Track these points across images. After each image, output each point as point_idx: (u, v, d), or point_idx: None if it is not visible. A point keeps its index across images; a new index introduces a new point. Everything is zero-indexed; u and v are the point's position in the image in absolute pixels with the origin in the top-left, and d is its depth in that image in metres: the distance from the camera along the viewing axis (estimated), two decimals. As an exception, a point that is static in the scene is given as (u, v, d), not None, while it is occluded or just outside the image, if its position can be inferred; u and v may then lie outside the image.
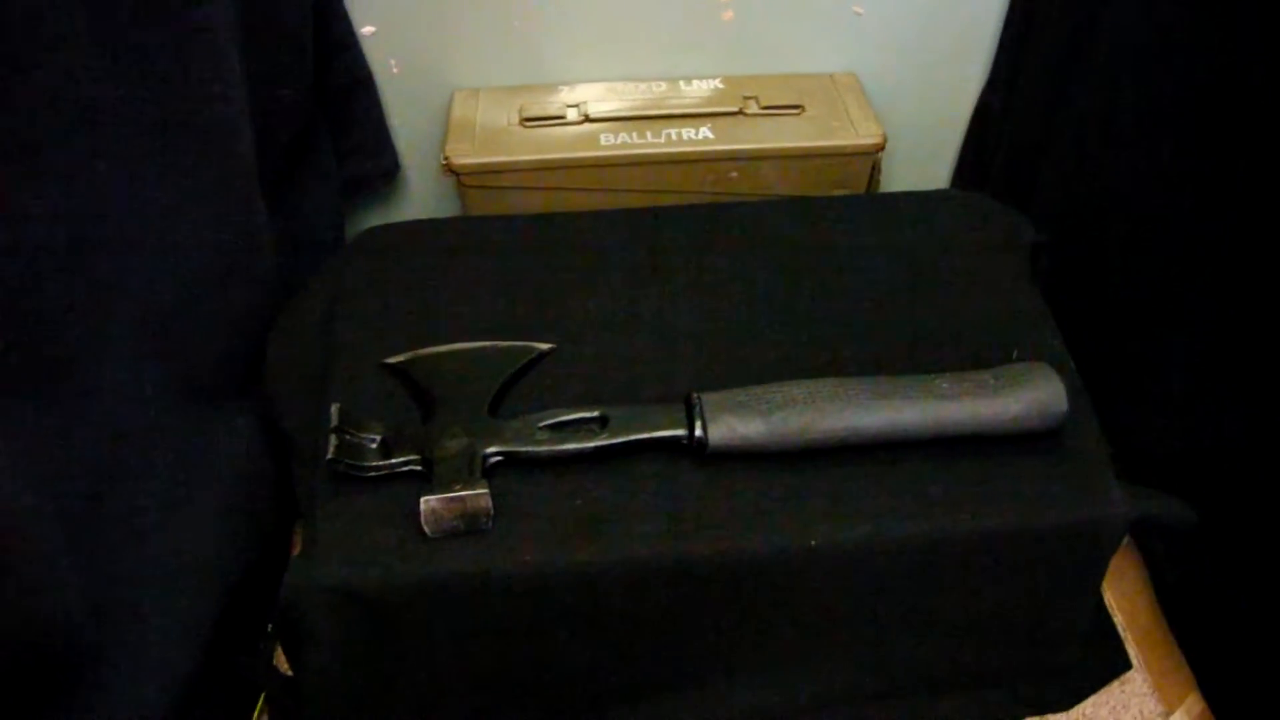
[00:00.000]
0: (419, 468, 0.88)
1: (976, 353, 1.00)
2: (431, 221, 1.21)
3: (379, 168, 1.43)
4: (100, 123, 0.84)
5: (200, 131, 0.96)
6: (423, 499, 0.83)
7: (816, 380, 0.92)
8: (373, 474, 0.88)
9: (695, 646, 0.96)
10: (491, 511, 0.84)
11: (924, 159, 1.54)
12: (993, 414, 0.91)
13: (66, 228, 0.81)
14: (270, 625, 1.06)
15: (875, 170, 1.32)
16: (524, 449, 0.89)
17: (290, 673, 1.01)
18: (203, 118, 0.96)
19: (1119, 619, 1.18)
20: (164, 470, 0.92)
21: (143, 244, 0.90)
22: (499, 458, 0.89)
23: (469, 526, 0.85)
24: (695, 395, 0.91)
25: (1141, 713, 1.11)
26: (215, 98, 0.97)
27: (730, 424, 0.89)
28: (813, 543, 0.86)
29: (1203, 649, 1.11)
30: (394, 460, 0.88)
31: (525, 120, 1.32)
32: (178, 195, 0.94)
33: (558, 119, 1.32)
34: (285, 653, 0.94)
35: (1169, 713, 1.11)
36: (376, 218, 1.52)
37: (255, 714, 1.04)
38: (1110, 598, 1.20)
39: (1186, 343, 1.08)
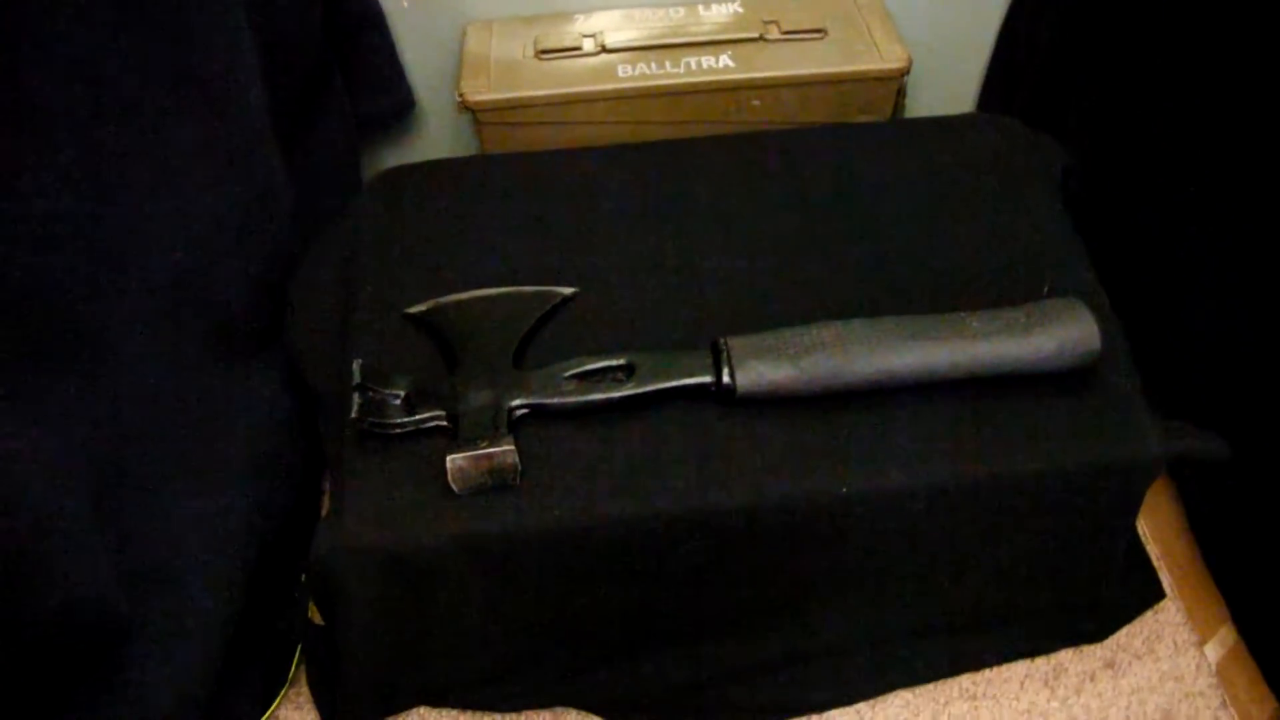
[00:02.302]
0: (445, 423, 0.87)
1: (1008, 285, 0.98)
2: (448, 161, 1.19)
3: (393, 104, 1.40)
4: (106, 80, 0.82)
5: (209, 83, 0.93)
6: (449, 457, 0.82)
7: (846, 322, 0.90)
8: (398, 431, 0.87)
9: (727, 594, 0.96)
10: (519, 467, 0.84)
11: (948, 81, 1.50)
12: (1025, 353, 0.89)
13: (77, 192, 0.79)
14: (303, 577, 1.06)
15: (900, 95, 1.29)
16: (550, 401, 0.88)
17: (322, 622, 1.01)
18: (211, 68, 0.94)
19: (1152, 549, 1.17)
20: (190, 431, 0.92)
21: (156, 202, 0.89)
22: (525, 410, 0.88)
23: (496, 482, 0.84)
24: (722, 340, 0.89)
25: (1175, 642, 1.10)
26: (223, 46, 0.94)
27: (759, 369, 0.87)
28: (845, 490, 0.85)
29: (1236, 580, 1.10)
30: (419, 417, 0.87)
31: (541, 53, 1.28)
32: (190, 149, 0.92)
33: (574, 50, 1.29)
34: (319, 609, 0.94)
35: (1203, 642, 1.10)
36: (392, 158, 1.50)
37: (293, 666, 1.05)
38: (1144, 527, 1.18)
39: (1220, 272, 1.05)
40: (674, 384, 0.89)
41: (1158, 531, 1.18)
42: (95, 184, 0.81)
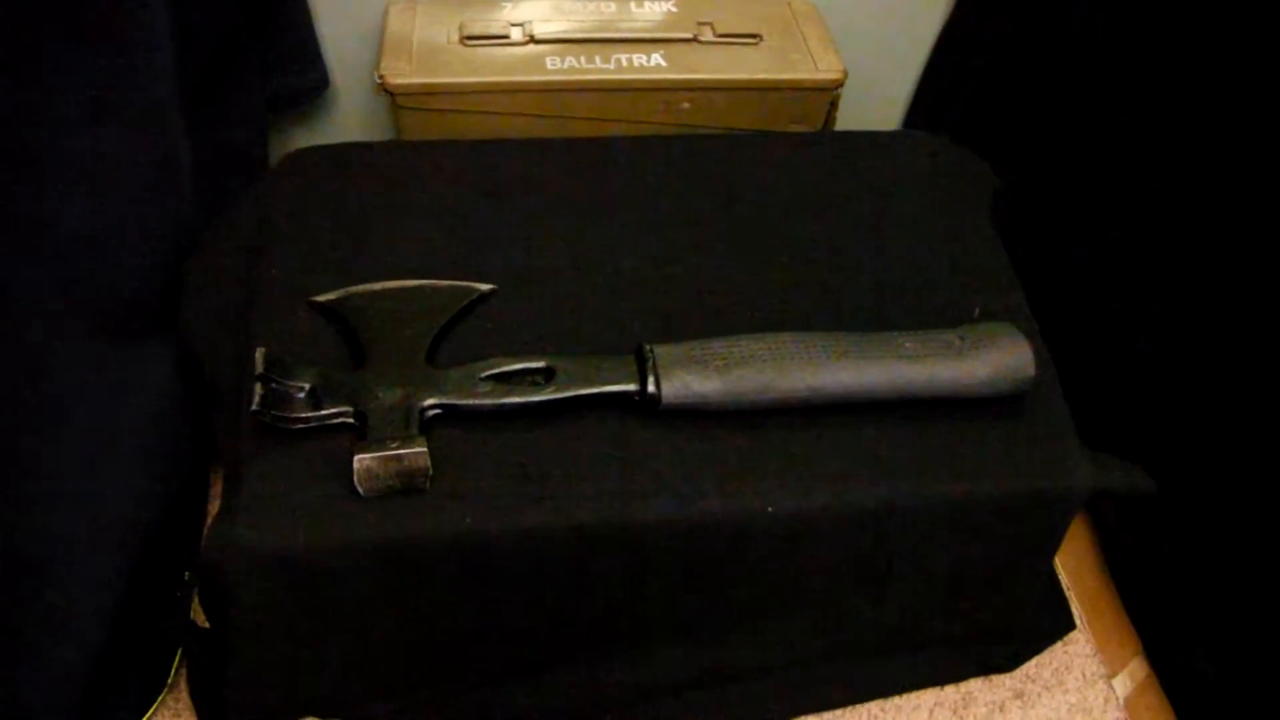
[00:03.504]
0: (352, 420, 0.81)
1: (937, 305, 0.97)
2: (364, 145, 1.13)
3: (306, 82, 1.33)
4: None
5: (113, 41, 0.87)
6: (356, 457, 0.77)
7: (776, 335, 0.87)
8: (301, 426, 0.81)
9: (642, 611, 0.92)
10: (430, 470, 0.79)
11: (877, 96, 1.48)
12: (958, 377, 0.86)
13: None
14: (186, 574, 1.00)
15: (833, 107, 1.27)
16: (465, 402, 0.83)
17: (207, 625, 0.95)
18: (116, 26, 0.87)
19: (1064, 578, 1.16)
20: (71, 415, 0.85)
21: (48, 164, 0.82)
22: (438, 410, 0.83)
23: (405, 485, 0.79)
24: (648, 348, 0.85)
25: (1084, 674, 1.10)
26: (133, 3, 0.88)
27: (685, 380, 0.84)
28: (769, 509, 0.82)
29: (1150, 613, 1.10)
30: (324, 412, 0.81)
31: (466, 39, 1.23)
32: (88, 111, 0.85)
33: (501, 38, 1.24)
34: (205, 612, 0.88)
35: (1112, 675, 1.10)
36: (304, 139, 1.43)
37: (173, 670, 0.98)
38: (1056, 557, 1.18)
39: (1147, 302, 1.05)
40: (596, 390, 0.84)
41: (1069, 561, 1.18)
42: None
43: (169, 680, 0.98)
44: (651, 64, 1.22)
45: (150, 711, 0.97)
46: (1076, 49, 1.17)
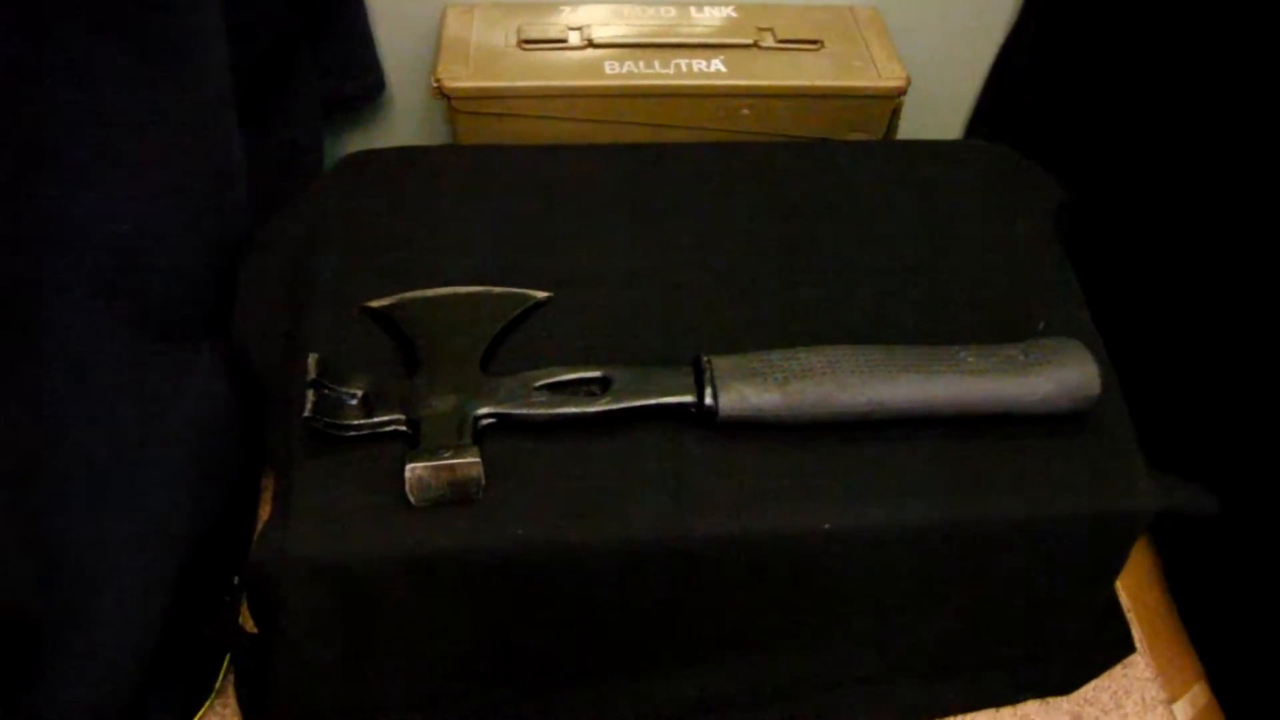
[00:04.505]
0: (404, 428, 0.81)
1: (1000, 319, 0.94)
2: (420, 149, 1.12)
3: (362, 86, 1.33)
4: (51, 33, 0.75)
5: (168, 43, 0.86)
6: (408, 466, 0.76)
7: (836, 347, 0.85)
8: (353, 434, 0.80)
9: (692, 626, 0.90)
10: (482, 481, 0.78)
11: (939, 105, 1.46)
12: (1021, 393, 0.84)
13: (12, 150, 0.72)
14: (236, 579, 0.99)
15: (895, 115, 1.24)
16: (519, 411, 0.82)
17: (255, 631, 0.95)
18: (171, 27, 0.86)
19: (1124, 599, 1.13)
20: (122, 421, 0.84)
21: (100, 170, 0.81)
22: (491, 420, 0.82)
23: (457, 496, 0.78)
24: (705, 359, 0.84)
25: (1144, 699, 1.07)
26: (185, 5, 0.87)
27: (743, 392, 0.82)
28: (826, 526, 0.81)
29: (1213, 639, 1.07)
30: (376, 419, 0.81)
31: (524, 42, 1.22)
32: (142, 113, 0.85)
33: (559, 43, 1.23)
34: (253, 618, 0.88)
35: (1172, 700, 1.07)
36: (359, 142, 1.43)
37: (220, 676, 0.98)
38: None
39: (1218, 323, 1.02)
40: (652, 402, 0.83)
41: (1129, 582, 1.15)
42: (32, 141, 0.74)
43: (216, 685, 0.98)
44: (711, 70, 1.21)
45: (198, 716, 0.96)
46: (1144, 59, 1.14)
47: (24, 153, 0.74)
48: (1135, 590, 1.14)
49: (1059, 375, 0.85)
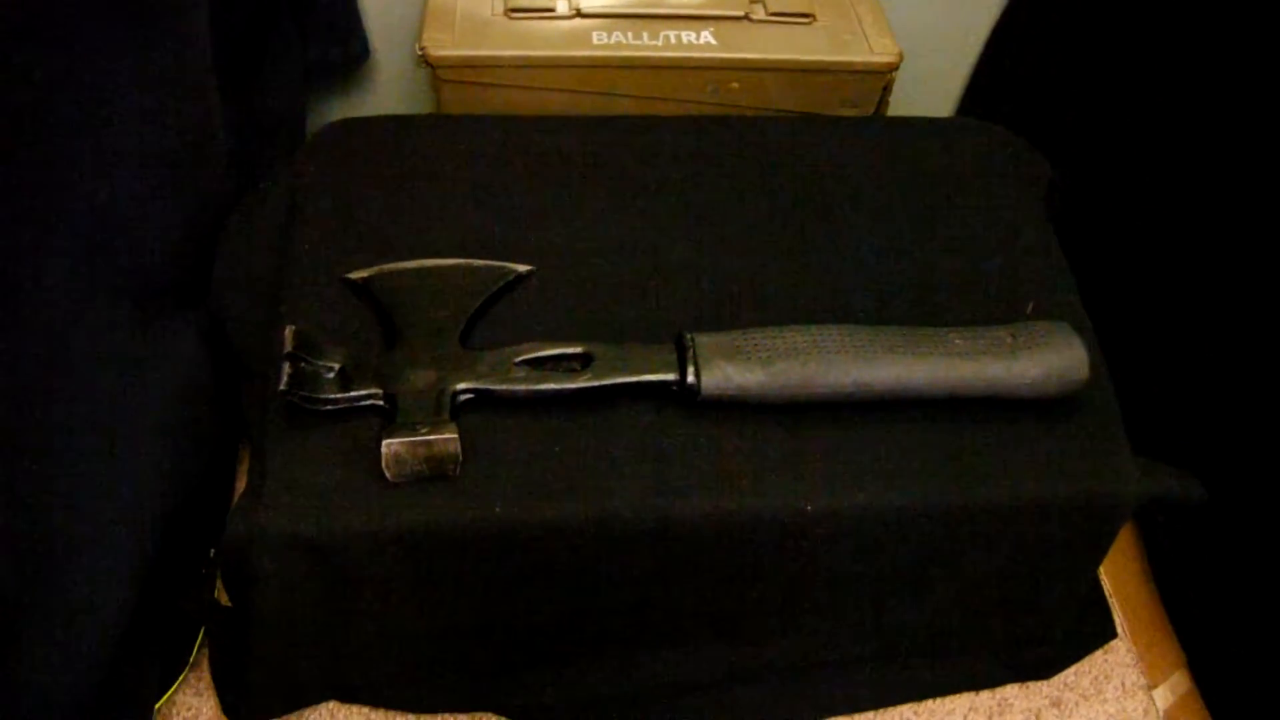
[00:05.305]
0: (381, 403, 0.79)
1: (988, 301, 0.94)
2: (403, 118, 1.10)
3: (346, 53, 1.31)
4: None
5: (149, 8, 0.84)
6: (384, 441, 0.74)
7: (822, 327, 0.84)
8: (329, 408, 0.79)
9: (673, 605, 0.89)
10: (460, 457, 0.76)
11: (931, 81, 1.44)
12: (1009, 377, 0.83)
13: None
14: (211, 552, 0.98)
15: (887, 91, 1.23)
16: (498, 387, 0.81)
17: (230, 604, 0.93)
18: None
19: (1106, 584, 1.13)
20: (97, 389, 0.83)
21: (82, 135, 0.80)
22: (470, 395, 0.81)
23: (434, 472, 0.77)
24: (688, 336, 0.82)
25: (1124, 684, 1.06)
26: (166, -31, 0.86)
27: (726, 371, 0.81)
28: (808, 508, 0.80)
29: (1195, 626, 1.06)
30: (353, 393, 0.79)
31: (511, 11, 1.20)
32: (121, 80, 0.83)
33: (546, 11, 1.21)
34: (228, 593, 0.86)
35: (1153, 686, 1.07)
36: (341, 110, 1.41)
37: (195, 648, 0.97)
38: (1100, 562, 1.15)
39: (1207, 308, 1.01)
40: (634, 379, 0.82)
41: (1112, 567, 1.14)
42: (11, 105, 0.72)
43: (190, 659, 0.97)
44: (701, 41, 1.19)
45: (171, 690, 0.95)
46: (1137, 38, 1.12)
47: (6, 118, 0.72)
48: (1118, 576, 1.14)
49: (1046, 359, 0.84)
